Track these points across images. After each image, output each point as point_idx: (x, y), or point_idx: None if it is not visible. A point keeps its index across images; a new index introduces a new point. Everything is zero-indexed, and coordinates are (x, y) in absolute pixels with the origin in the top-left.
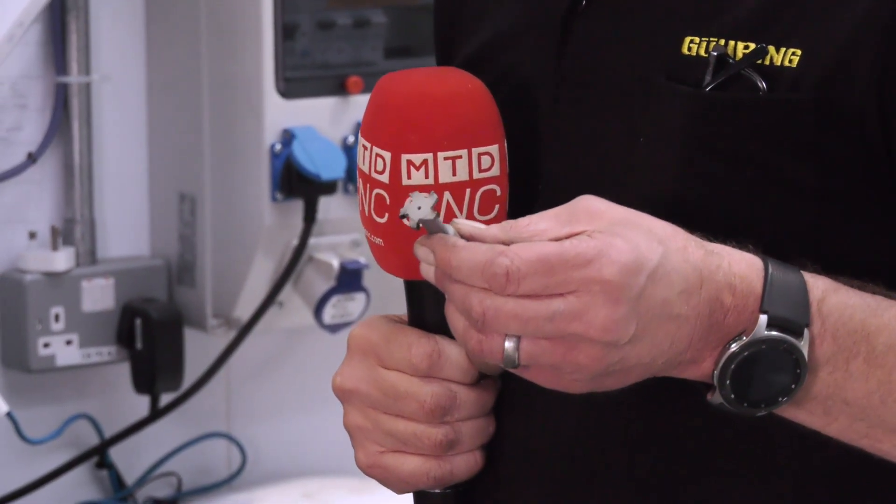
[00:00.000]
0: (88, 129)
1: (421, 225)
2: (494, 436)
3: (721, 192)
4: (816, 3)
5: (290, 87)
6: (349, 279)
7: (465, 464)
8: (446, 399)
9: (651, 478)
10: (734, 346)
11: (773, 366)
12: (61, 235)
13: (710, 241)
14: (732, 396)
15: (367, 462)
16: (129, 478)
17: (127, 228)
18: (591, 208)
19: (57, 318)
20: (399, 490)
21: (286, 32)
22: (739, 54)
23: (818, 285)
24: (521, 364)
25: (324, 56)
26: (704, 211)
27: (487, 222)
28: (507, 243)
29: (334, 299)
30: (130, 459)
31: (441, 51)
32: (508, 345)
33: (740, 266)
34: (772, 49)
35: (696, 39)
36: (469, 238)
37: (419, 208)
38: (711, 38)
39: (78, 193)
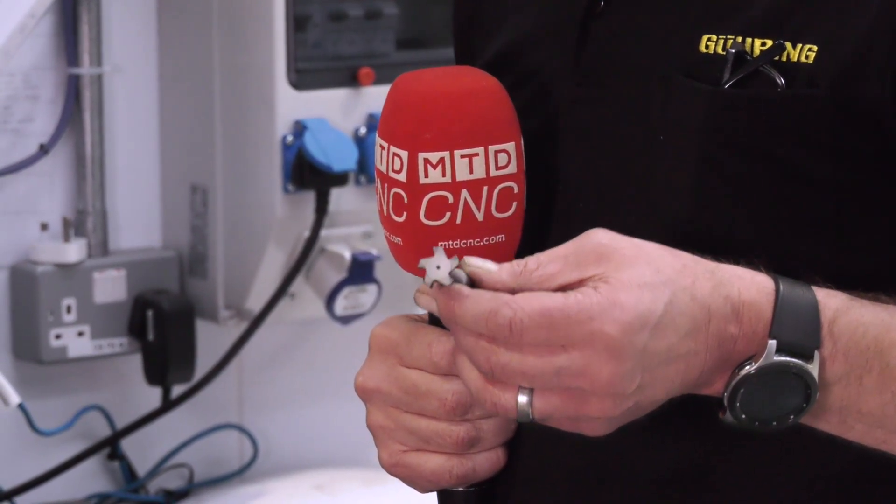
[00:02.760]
0: (100, 120)
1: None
2: (515, 433)
3: (740, 188)
4: None
5: (302, 78)
6: (361, 271)
7: (487, 461)
8: (467, 396)
9: (671, 474)
10: (743, 372)
11: (783, 388)
12: (73, 227)
13: (721, 262)
14: (743, 416)
15: (390, 461)
16: (141, 469)
17: (139, 220)
18: (599, 250)
19: (69, 309)
20: (422, 489)
21: (298, 24)
22: (756, 51)
23: (830, 305)
24: (535, 419)
25: (335, 47)
26: (724, 207)
27: (506, 219)
28: (514, 290)
29: (346, 291)
30: (142, 451)
31: (460, 51)
32: (522, 400)
33: (750, 292)
34: (788, 45)
35: (714, 37)
36: (477, 280)
37: (438, 268)
38: (729, 36)
39: (90, 185)
